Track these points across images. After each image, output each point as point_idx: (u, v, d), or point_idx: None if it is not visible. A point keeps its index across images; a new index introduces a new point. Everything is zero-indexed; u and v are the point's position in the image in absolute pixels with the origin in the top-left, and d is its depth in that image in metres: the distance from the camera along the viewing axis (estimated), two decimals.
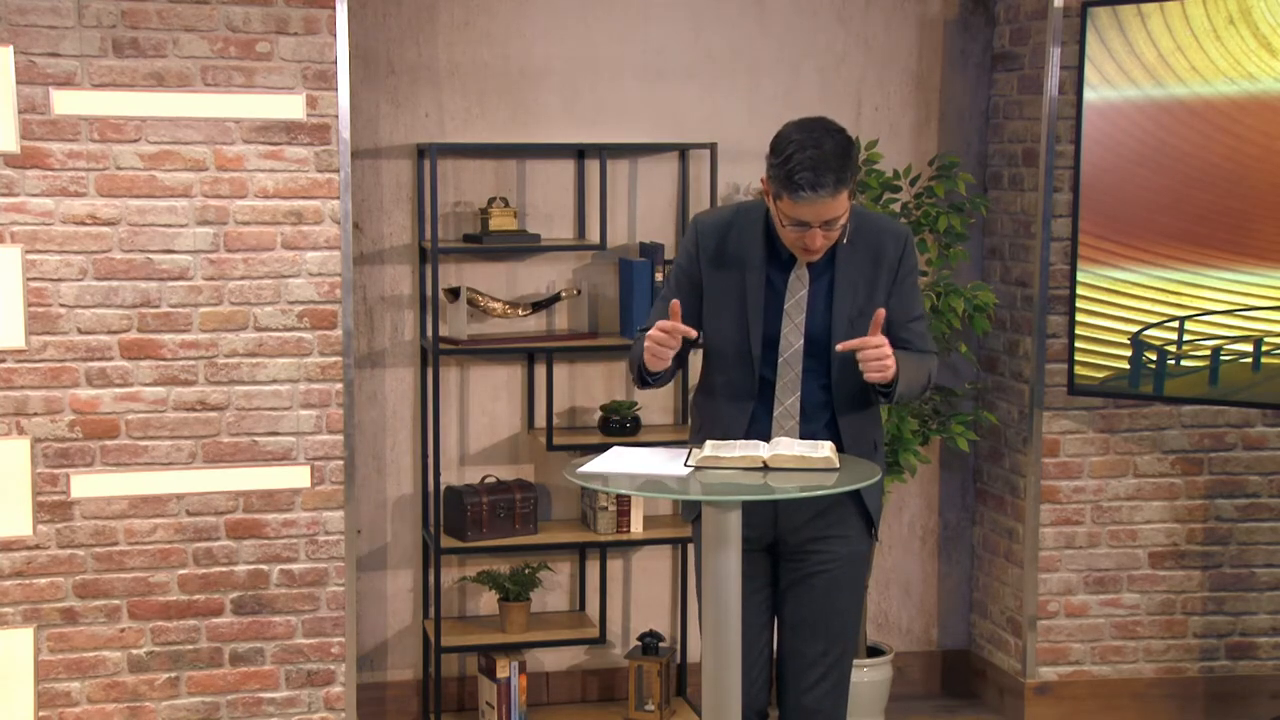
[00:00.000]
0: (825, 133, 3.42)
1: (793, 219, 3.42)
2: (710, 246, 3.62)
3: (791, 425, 3.58)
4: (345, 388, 4.70)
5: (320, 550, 4.74)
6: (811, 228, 3.42)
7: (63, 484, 4.53)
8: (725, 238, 3.62)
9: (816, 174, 3.34)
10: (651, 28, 5.33)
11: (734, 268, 3.59)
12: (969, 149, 5.55)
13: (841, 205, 3.41)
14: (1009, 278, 5.40)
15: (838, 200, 3.39)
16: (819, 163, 3.35)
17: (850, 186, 3.41)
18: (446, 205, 5.21)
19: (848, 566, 3.63)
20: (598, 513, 5.22)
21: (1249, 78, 4.65)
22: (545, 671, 5.44)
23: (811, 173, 3.34)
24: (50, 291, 4.49)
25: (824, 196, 3.36)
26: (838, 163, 3.37)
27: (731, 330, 3.60)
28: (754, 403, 3.59)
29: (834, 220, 3.43)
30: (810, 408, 3.58)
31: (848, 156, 3.40)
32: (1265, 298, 4.69)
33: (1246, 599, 5.30)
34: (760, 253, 3.58)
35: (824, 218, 3.41)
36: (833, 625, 3.62)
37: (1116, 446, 5.23)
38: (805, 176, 3.34)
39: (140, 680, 4.65)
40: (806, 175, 3.34)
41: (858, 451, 3.59)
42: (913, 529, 5.68)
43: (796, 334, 3.56)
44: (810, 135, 3.40)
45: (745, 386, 3.60)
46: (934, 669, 5.74)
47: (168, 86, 4.51)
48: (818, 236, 3.44)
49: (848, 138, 3.45)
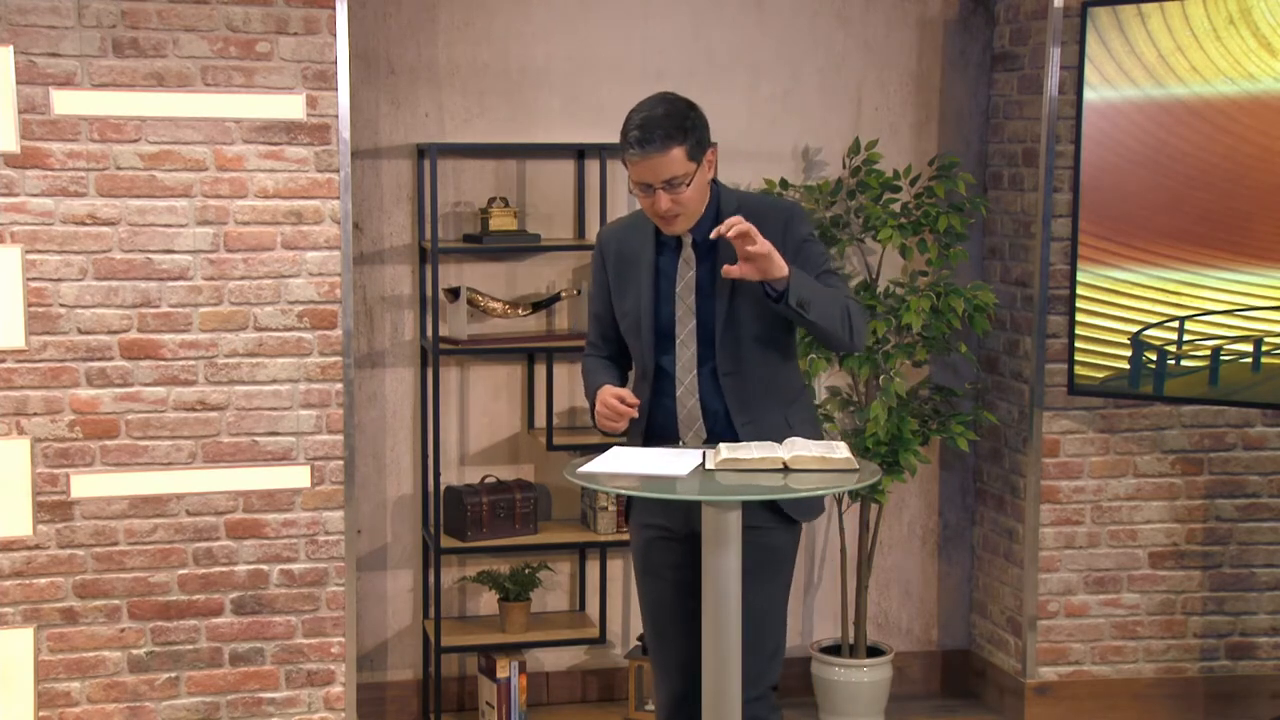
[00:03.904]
0: (660, 100, 3.63)
1: (638, 184, 3.60)
2: (611, 250, 3.81)
3: (693, 404, 3.68)
4: (345, 388, 4.70)
5: (320, 550, 4.74)
6: (655, 189, 3.57)
7: (63, 484, 4.54)
8: (623, 240, 3.80)
9: (644, 131, 3.55)
10: (651, 28, 5.33)
11: (630, 263, 3.76)
12: (969, 149, 5.55)
13: (676, 164, 3.55)
14: (1009, 278, 5.40)
15: (669, 157, 3.54)
16: (647, 122, 3.56)
17: (685, 146, 3.55)
18: (446, 205, 5.21)
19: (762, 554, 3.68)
20: (598, 513, 5.22)
21: (1249, 78, 4.65)
22: (545, 671, 5.44)
23: (639, 130, 3.56)
24: (50, 291, 4.49)
25: (652, 153, 3.53)
26: (667, 122, 3.56)
27: (632, 320, 3.75)
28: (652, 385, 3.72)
29: (674, 180, 3.57)
30: (709, 390, 3.68)
31: (682, 117, 3.58)
32: (1265, 298, 4.69)
33: (1246, 599, 5.30)
34: (651, 245, 3.74)
35: (661, 176, 3.56)
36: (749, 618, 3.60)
37: (1116, 446, 5.23)
38: (634, 134, 3.56)
39: (140, 680, 4.65)
40: (635, 134, 3.56)
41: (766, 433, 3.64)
42: (913, 529, 5.68)
43: (689, 315, 3.69)
44: (646, 103, 3.64)
45: (645, 370, 3.75)
46: (934, 669, 5.74)
47: (168, 86, 4.51)
48: (663, 199, 3.58)
49: (686, 104, 3.63)
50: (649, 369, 3.73)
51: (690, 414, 3.69)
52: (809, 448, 3.49)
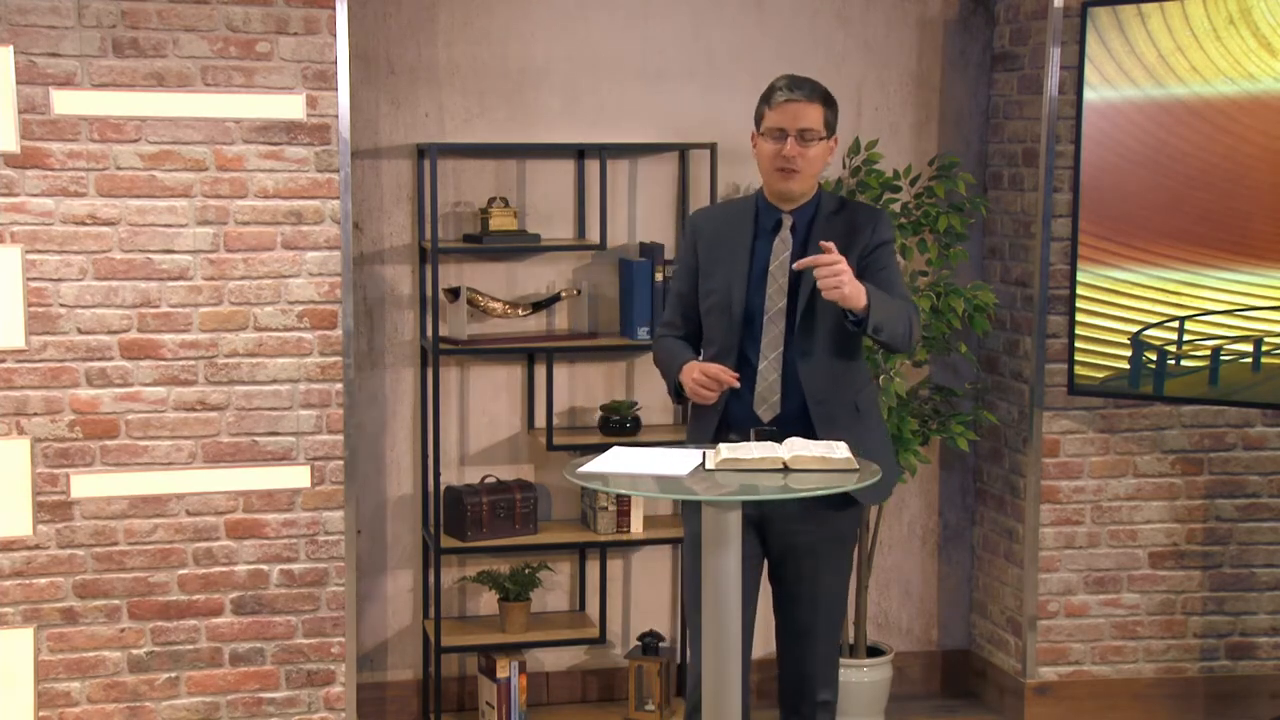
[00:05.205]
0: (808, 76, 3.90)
1: (772, 129, 3.81)
2: (705, 231, 3.97)
3: (774, 379, 3.81)
4: (345, 388, 4.70)
5: (320, 550, 4.74)
6: (788, 135, 3.78)
7: (63, 484, 4.54)
8: (719, 222, 3.98)
9: (794, 81, 3.83)
10: (651, 28, 5.33)
11: (724, 245, 3.91)
12: (969, 149, 5.55)
13: (815, 117, 3.81)
14: (1009, 278, 5.40)
15: (812, 108, 3.80)
16: (798, 78, 3.86)
17: (826, 110, 3.83)
18: (446, 205, 5.21)
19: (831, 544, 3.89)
20: (598, 513, 5.22)
21: (1249, 78, 4.65)
22: (545, 671, 5.44)
23: (790, 80, 3.83)
24: (50, 291, 4.49)
25: (799, 98, 3.79)
26: (816, 85, 3.85)
27: (720, 297, 3.86)
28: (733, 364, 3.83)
29: (807, 132, 3.80)
30: (790, 368, 3.81)
31: (827, 90, 3.86)
32: (1265, 298, 4.69)
33: (1246, 599, 5.30)
34: (749, 229, 3.91)
35: (800, 123, 3.79)
36: (819, 599, 3.90)
37: (1116, 446, 5.23)
38: (783, 81, 3.84)
39: (140, 680, 4.65)
40: (784, 80, 3.84)
41: (839, 415, 3.79)
42: (913, 529, 5.68)
43: (780, 294, 3.83)
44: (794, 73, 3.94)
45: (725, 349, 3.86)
46: (934, 669, 5.74)
47: (168, 86, 4.51)
48: (792, 145, 3.78)
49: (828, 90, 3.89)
50: (731, 347, 3.84)
51: (770, 388, 3.82)
52: (809, 447, 3.50)
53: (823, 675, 3.93)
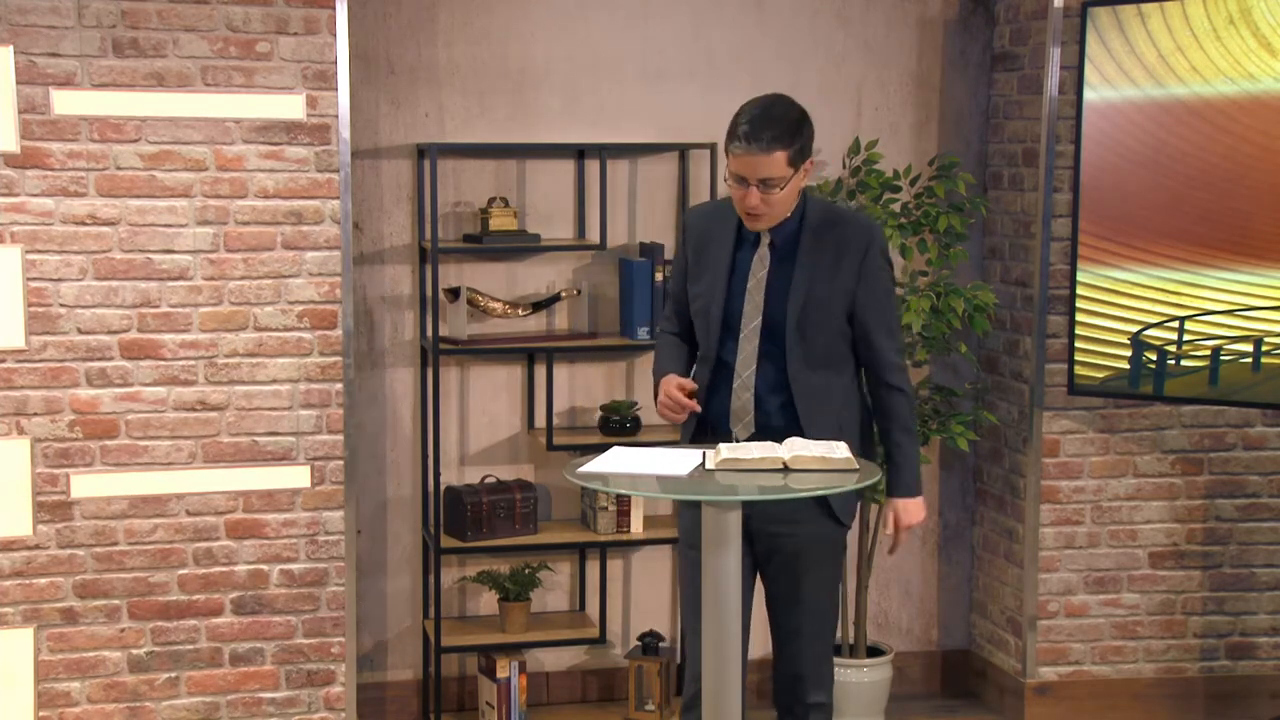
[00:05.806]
0: (777, 101, 3.69)
1: (734, 175, 3.65)
2: (696, 230, 3.89)
3: (747, 398, 3.75)
4: (345, 388, 4.70)
5: (320, 550, 4.74)
6: (749, 185, 3.63)
7: (63, 484, 4.53)
8: (708, 223, 3.87)
9: (753, 127, 3.59)
10: (651, 28, 5.33)
11: (710, 248, 3.83)
12: (969, 149, 5.55)
13: (776, 166, 3.61)
14: (1009, 278, 5.40)
15: (771, 158, 3.59)
16: (759, 119, 3.61)
17: (789, 152, 3.61)
18: (446, 205, 5.21)
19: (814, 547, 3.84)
20: (598, 513, 5.22)
21: (1249, 78, 4.65)
22: (545, 671, 5.44)
23: (749, 125, 3.60)
24: (50, 291, 4.49)
25: (755, 151, 3.59)
26: (778, 125, 3.60)
27: (703, 304, 3.83)
28: (712, 371, 3.80)
29: (770, 181, 3.62)
30: (765, 387, 3.75)
31: (793, 125, 3.63)
32: (1265, 298, 4.69)
33: (1246, 599, 5.30)
34: (732, 235, 3.80)
35: (759, 174, 3.61)
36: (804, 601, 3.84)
37: (1116, 446, 5.23)
38: (744, 129, 3.60)
39: (140, 680, 4.65)
40: (744, 128, 3.60)
41: (823, 435, 3.71)
42: (913, 529, 5.67)
43: (755, 312, 3.75)
44: (762, 99, 3.69)
45: (707, 355, 3.83)
46: (934, 669, 5.74)
47: (168, 86, 4.51)
48: (754, 195, 3.63)
49: (800, 112, 3.68)
50: (710, 356, 3.81)
51: (744, 406, 3.76)
52: (809, 448, 3.50)
53: (814, 677, 3.87)
